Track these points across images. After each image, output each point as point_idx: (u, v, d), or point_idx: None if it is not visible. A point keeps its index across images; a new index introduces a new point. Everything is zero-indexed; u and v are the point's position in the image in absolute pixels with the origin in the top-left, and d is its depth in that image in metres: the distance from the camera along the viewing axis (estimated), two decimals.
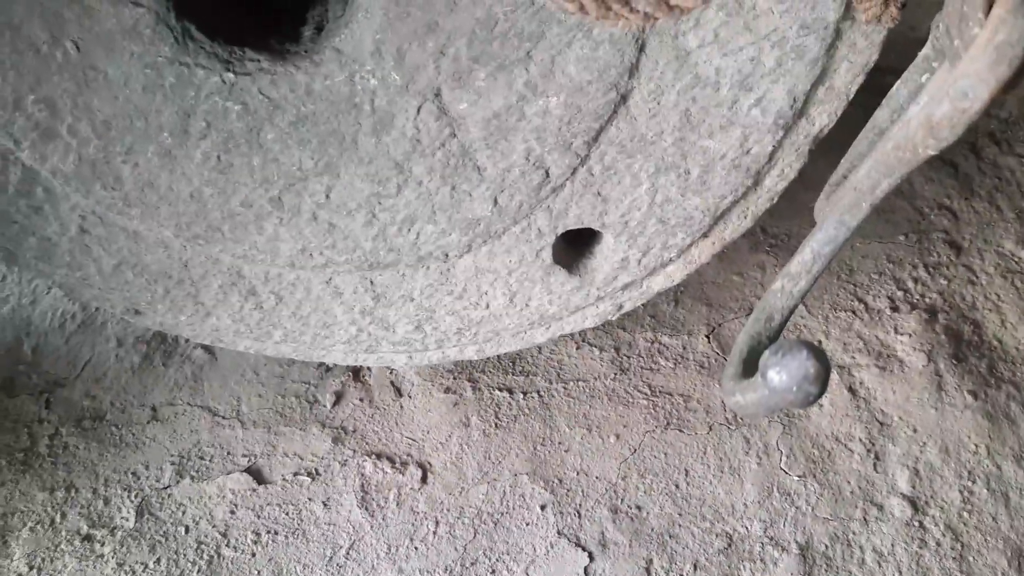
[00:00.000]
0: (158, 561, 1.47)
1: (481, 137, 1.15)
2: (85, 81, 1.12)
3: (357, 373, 1.75)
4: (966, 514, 1.58)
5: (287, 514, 1.54)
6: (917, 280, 1.92)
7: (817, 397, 0.76)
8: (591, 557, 1.50)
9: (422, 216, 1.24)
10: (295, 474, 1.59)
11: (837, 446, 1.67)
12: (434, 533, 1.53)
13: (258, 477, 1.59)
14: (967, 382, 1.75)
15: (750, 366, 0.91)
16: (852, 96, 1.14)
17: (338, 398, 1.71)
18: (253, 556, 1.48)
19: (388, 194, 1.22)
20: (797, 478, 1.62)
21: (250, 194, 1.22)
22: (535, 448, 1.64)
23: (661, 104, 1.12)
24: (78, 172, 1.20)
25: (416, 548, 1.51)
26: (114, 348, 1.77)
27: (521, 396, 1.72)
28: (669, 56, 1.08)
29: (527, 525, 1.54)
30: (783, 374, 0.75)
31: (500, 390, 1.72)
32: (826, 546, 1.53)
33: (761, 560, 1.51)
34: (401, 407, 1.70)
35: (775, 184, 1.23)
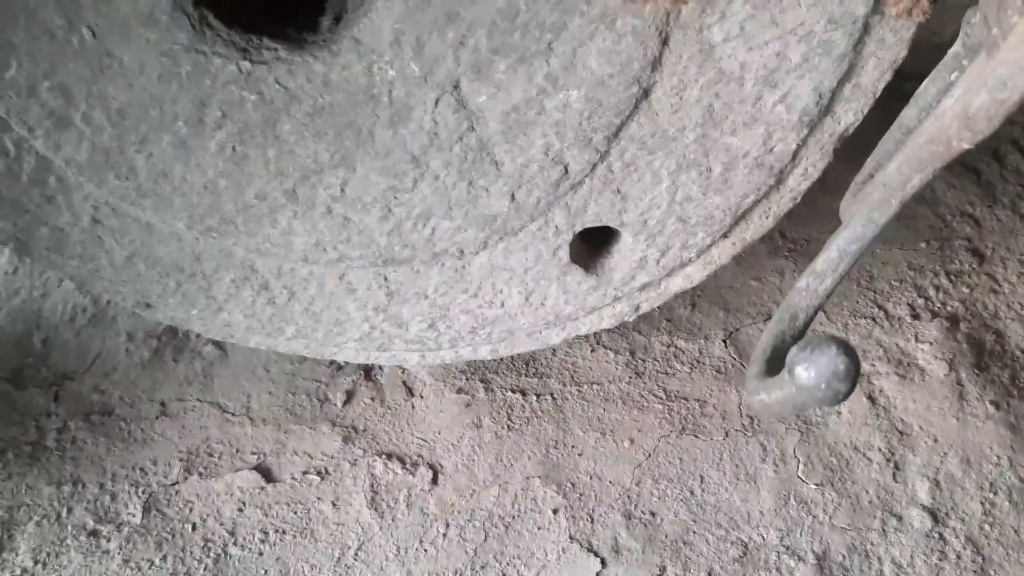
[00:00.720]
0: (164, 558, 1.45)
1: (499, 131, 1.13)
2: (100, 68, 1.10)
3: (369, 372, 1.73)
4: (987, 526, 1.55)
5: (295, 513, 1.52)
6: (939, 288, 1.89)
7: (847, 395, 0.74)
8: (603, 563, 1.47)
9: (438, 211, 1.22)
10: (304, 473, 1.57)
11: (856, 455, 1.64)
12: (444, 535, 1.50)
13: (267, 475, 1.57)
14: (989, 392, 1.72)
15: (774, 365, 0.89)
16: (879, 94, 1.12)
17: (349, 397, 1.69)
18: (260, 555, 1.46)
19: (404, 188, 1.20)
20: (815, 487, 1.59)
21: (265, 186, 1.20)
22: (548, 451, 1.62)
23: (684, 99, 1.10)
24: (92, 161, 1.19)
25: (425, 550, 1.48)
26: (124, 342, 1.76)
27: (534, 398, 1.69)
28: (693, 50, 1.06)
29: (539, 529, 1.51)
30: (811, 371, 0.72)
31: (513, 391, 1.70)
32: (843, 556, 1.50)
33: (777, 570, 1.48)
34: (413, 407, 1.68)
35: (798, 184, 1.21)
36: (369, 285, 1.35)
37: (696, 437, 1.65)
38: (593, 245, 1.36)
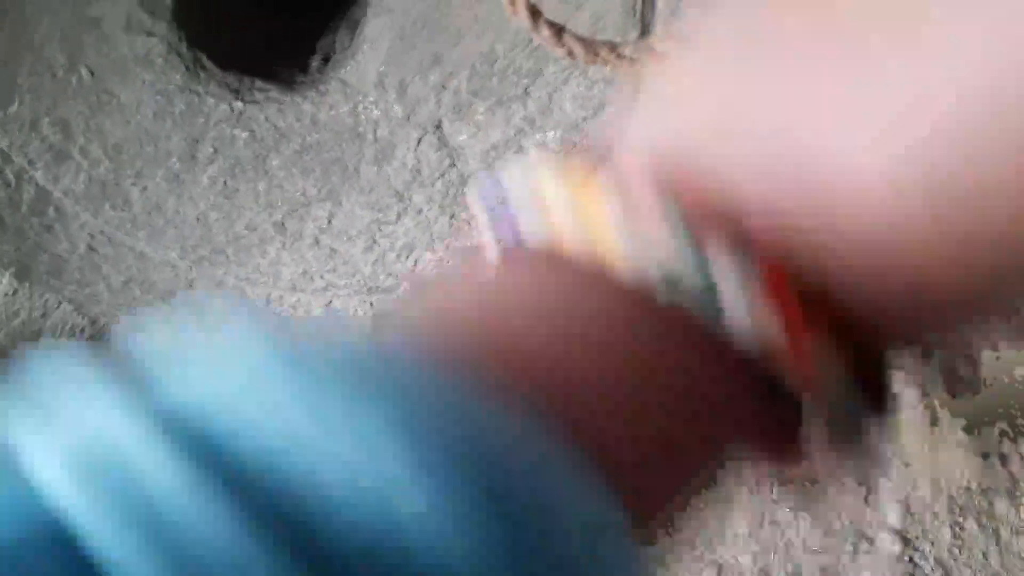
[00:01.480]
0: None
1: (480, 168, 1.19)
2: (99, 105, 1.16)
3: None
4: (956, 550, 1.59)
5: None
6: None
7: None
8: None
9: (421, 243, 1.27)
10: None
11: (829, 480, 1.68)
12: None
13: None
14: (960, 419, 1.76)
15: None
16: None
17: None
18: None
19: (388, 221, 1.25)
20: (788, 510, 1.63)
21: (255, 218, 1.25)
22: None
23: None
24: (89, 193, 1.24)
25: None
26: None
27: None
28: None
29: None
30: None
31: None
32: None
33: None
34: None
35: None
36: (354, 312, 1.39)
37: None
38: None
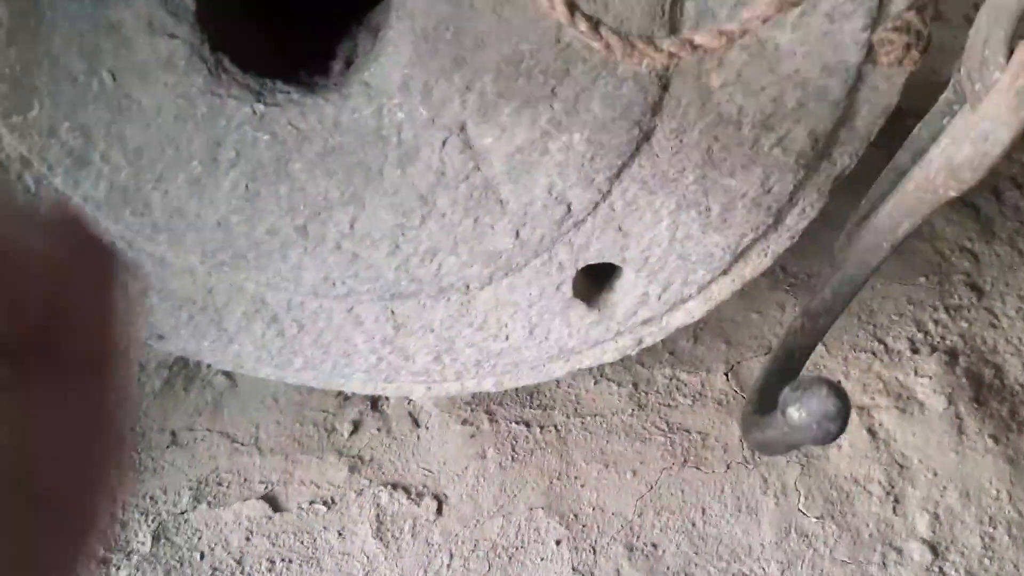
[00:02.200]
0: None
1: (504, 171, 1.17)
2: (119, 110, 1.15)
3: (375, 403, 1.76)
4: (987, 560, 1.56)
5: (302, 543, 1.54)
6: (938, 322, 1.91)
7: (837, 435, 0.76)
8: None
9: (444, 247, 1.26)
10: (311, 502, 1.60)
11: (856, 488, 1.65)
12: (448, 566, 1.52)
13: (274, 504, 1.59)
14: (988, 426, 1.73)
15: (769, 403, 0.91)
16: (874, 137, 1.15)
17: (356, 427, 1.71)
18: None
19: (411, 225, 1.23)
20: (815, 519, 1.61)
21: (276, 222, 1.24)
22: (551, 482, 1.64)
23: (683, 142, 1.14)
24: (109, 199, 1.23)
25: None
26: (137, 372, 1.79)
27: (538, 430, 1.72)
28: (692, 95, 1.09)
29: (541, 560, 1.53)
30: (803, 411, 0.75)
31: (517, 423, 1.72)
32: None
33: None
34: (418, 438, 1.70)
35: (796, 223, 1.24)
36: (377, 318, 1.38)
37: (698, 469, 1.67)
38: (596, 281, 1.39)
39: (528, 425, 1.72)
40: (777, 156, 1.14)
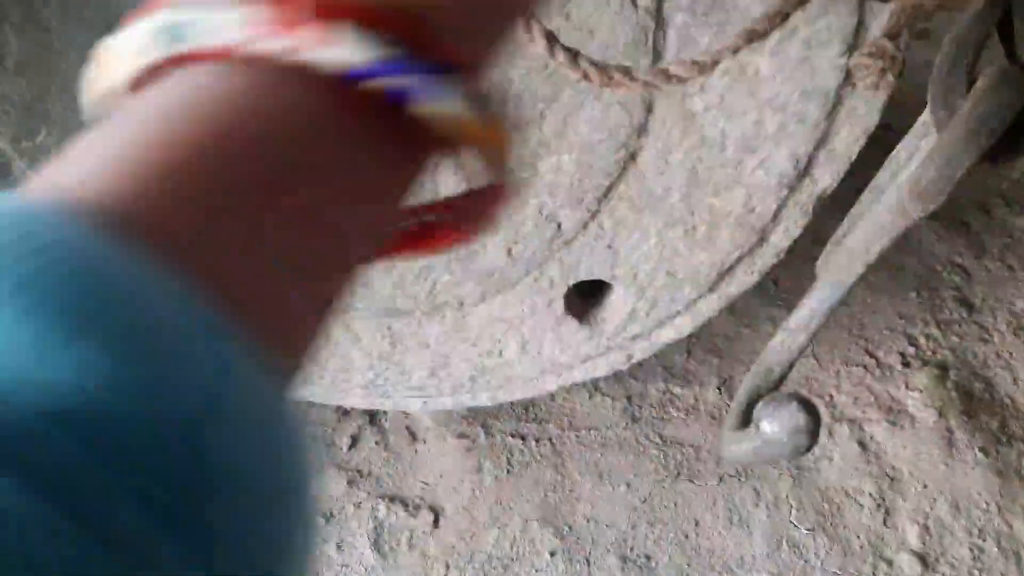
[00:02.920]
0: None
1: None
2: None
3: (373, 417, 1.79)
4: (976, 572, 1.58)
5: None
6: (928, 337, 1.94)
7: (808, 448, 0.79)
8: None
9: (438, 265, 1.29)
10: None
11: (847, 500, 1.68)
12: None
13: None
14: (978, 439, 1.76)
15: (748, 418, 0.94)
16: (854, 158, 1.19)
17: (354, 441, 1.75)
18: None
19: None
20: (806, 531, 1.63)
21: None
22: (546, 494, 1.67)
23: (669, 162, 1.17)
24: None
25: None
26: None
27: (534, 443, 1.75)
28: (676, 117, 1.13)
29: (536, 571, 1.56)
30: (775, 424, 0.78)
31: (513, 436, 1.76)
32: None
33: None
34: (416, 451, 1.74)
35: (780, 241, 1.27)
36: (374, 335, 1.41)
37: (691, 482, 1.69)
38: (586, 297, 1.42)
39: (523, 438, 1.75)
40: (760, 177, 1.17)
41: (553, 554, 1.58)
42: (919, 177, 0.81)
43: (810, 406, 0.76)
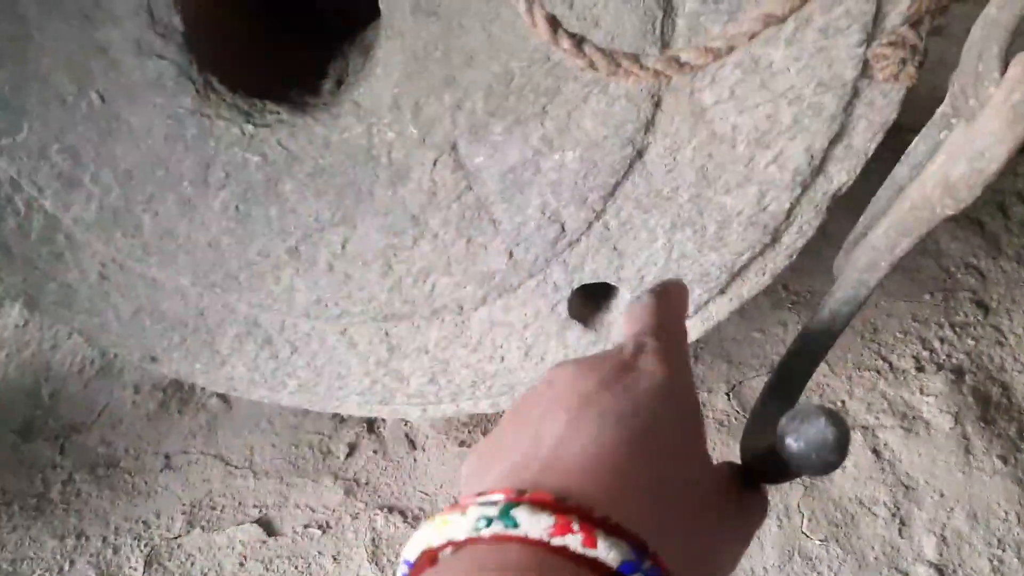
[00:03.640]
0: None
1: (497, 190, 1.15)
2: (108, 131, 1.14)
3: (371, 425, 1.74)
4: None
5: (296, 568, 1.52)
6: (943, 340, 1.89)
7: (836, 465, 0.73)
8: None
9: (437, 268, 1.24)
10: (306, 526, 1.57)
11: (861, 510, 1.62)
12: None
13: (268, 529, 1.57)
14: (996, 446, 1.70)
15: (769, 426, 0.89)
16: (871, 154, 1.13)
17: (351, 450, 1.69)
18: None
19: (404, 246, 1.22)
20: (819, 542, 1.57)
21: (267, 243, 1.22)
22: None
23: (677, 160, 1.12)
24: (99, 220, 1.22)
25: None
26: (131, 395, 1.77)
27: None
28: (685, 112, 1.08)
29: None
30: (800, 441, 0.72)
31: None
32: None
33: None
34: (415, 460, 1.68)
35: (793, 241, 1.22)
36: (371, 340, 1.36)
37: None
38: (591, 300, 1.37)
39: None
40: (772, 174, 1.12)
41: None
42: (948, 172, 0.76)
43: (839, 420, 0.70)
